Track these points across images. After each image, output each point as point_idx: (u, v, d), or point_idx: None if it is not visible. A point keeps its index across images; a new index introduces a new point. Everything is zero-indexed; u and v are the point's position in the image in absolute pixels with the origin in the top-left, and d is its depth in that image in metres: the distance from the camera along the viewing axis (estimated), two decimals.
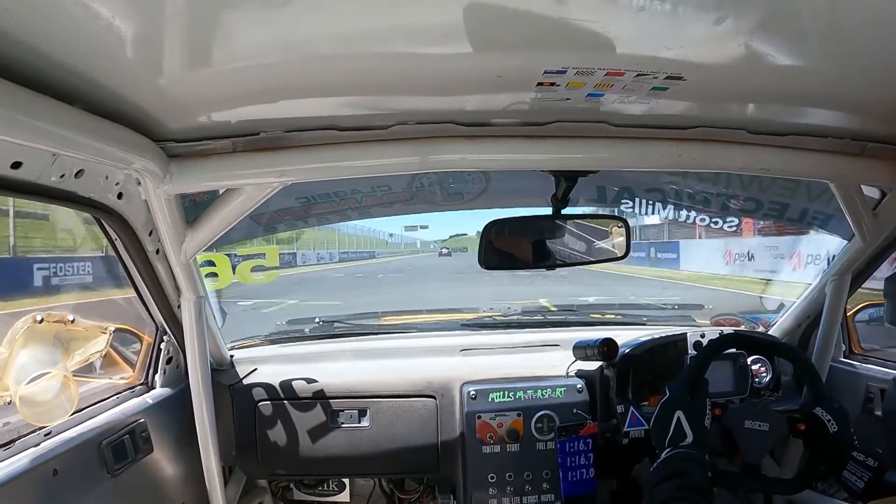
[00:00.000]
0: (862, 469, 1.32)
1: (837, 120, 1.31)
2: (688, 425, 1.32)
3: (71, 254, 7.79)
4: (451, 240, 13.06)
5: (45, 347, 1.34)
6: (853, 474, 1.33)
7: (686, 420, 1.32)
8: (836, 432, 1.38)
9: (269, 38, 0.84)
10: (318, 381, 1.92)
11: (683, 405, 1.35)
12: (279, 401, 1.89)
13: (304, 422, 1.88)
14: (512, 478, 1.85)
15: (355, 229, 35.18)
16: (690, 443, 1.30)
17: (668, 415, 1.35)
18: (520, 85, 1.06)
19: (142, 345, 1.75)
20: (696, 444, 1.30)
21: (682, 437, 1.31)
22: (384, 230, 36.76)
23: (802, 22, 0.85)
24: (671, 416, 1.34)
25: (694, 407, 1.35)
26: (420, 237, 26.00)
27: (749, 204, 2.28)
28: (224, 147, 1.26)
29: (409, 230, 37.72)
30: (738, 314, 2.44)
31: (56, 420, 1.33)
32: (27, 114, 0.82)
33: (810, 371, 1.50)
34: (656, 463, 1.30)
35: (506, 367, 1.99)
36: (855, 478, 1.33)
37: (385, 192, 2.24)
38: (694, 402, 1.36)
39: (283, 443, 1.88)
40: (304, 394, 1.90)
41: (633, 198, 2.59)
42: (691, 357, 1.83)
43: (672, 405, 1.37)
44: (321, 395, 1.90)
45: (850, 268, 1.79)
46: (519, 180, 2.17)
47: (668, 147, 1.35)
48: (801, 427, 1.43)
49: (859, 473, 1.33)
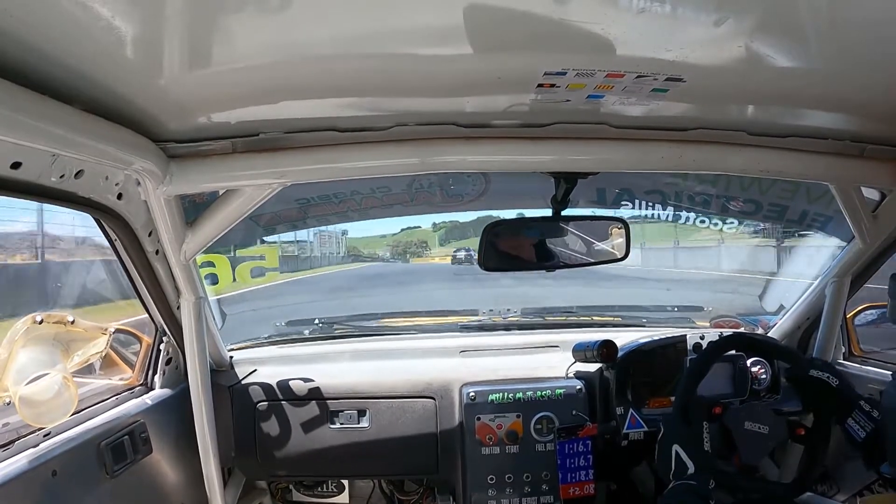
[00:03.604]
0: (866, 419, 1.38)
1: (837, 122, 1.31)
2: (687, 457, 1.37)
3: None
4: (402, 233, 10.02)
5: (44, 348, 1.34)
6: (857, 423, 1.38)
7: (685, 452, 1.37)
8: (838, 385, 1.43)
9: (269, 38, 0.84)
10: (317, 382, 1.91)
11: (678, 438, 1.41)
12: (278, 402, 1.89)
13: (304, 423, 1.88)
14: (511, 479, 1.85)
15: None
16: (693, 473, 1.36)
17: (667, 451, 1.42)
18: (520, 86, 1.06)
19: (141, 346, 1.75)
20: (698, 473, 1.35)
21: (685, 470, 1.38)
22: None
23: (802, 24, 0.85)
24: (670, 452, 1.41)
25: (689, 436, 1.42)
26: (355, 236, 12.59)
27: (749, 206, 2.29)
28: (224, 148, 1.26)
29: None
30: (737, 316, 2.44)
31: (55, 421, 1.32)
32: (27, 114, 0.82)
33: (787, 348, 1.53)
34: (662, 495, 1.37)
35: (505, 368, 1.99)
36: (858, 427, 1.38)
37: (384, 193, 2.25)
38: (689, 431, 1.42)
39: (283, 444, 1.88)
40: (304, 395, 1.90)
41: (633, 199, 2.60)
42: (689, 361, 1.83)
43: (669, 441, 1.43)
44: (321, 396, 1.89)
45: (849, 269, 1.79)
46: (519, 182, 2.17)
47: (669, 149, 1.35)
48: (801, 432, 1.45)
49: (863, 423, 1.38)
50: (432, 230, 10.00)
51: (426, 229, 10.17)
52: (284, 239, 7.38)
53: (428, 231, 10.00)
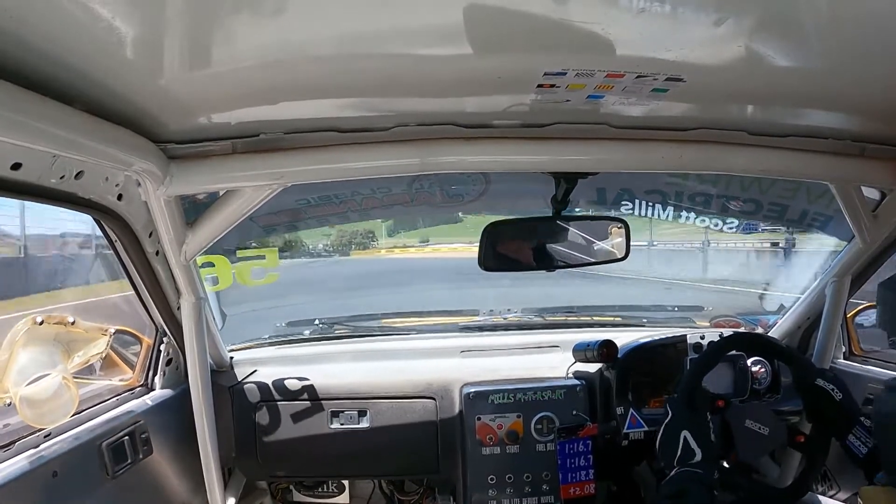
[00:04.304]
0: (867, 435, 1.35)
1: (837, 121, 1.31)
2: (695, 443, 1.33)
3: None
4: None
5: (45, 349, 1.34)
6: (858, 439, 1.36)
7: (693, 438, 1.34)
8: (841, 399, 1.41)
9: (270, 38, 0.84)
10: (317, 383, 1.91)
11: (688, 424, 1.37)
12: (279, 402, 1.89)
13: (304, 423, 1.88)
14: (512, 479, 1.85)
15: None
16: (700, 461, 1.31)
17: (674, 434, 1.37)
18: (520, 86, 1.06)
19: (141, 346, 1.75)
20: (705, 461, 1.31)
21: (692, 456, 1.33)
22: None
23: (802, 23, 0.85)
24: (678, 436, 1.35)
25: (698, 422, 1.37)
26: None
27: (749, 205, 2.29)
28: (224, 148, 1.26)
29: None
30: (737, 316, 2.44)
31: (56, 422, 1.33)
32: (27, 115, 0.82)
33: (795, 354, 1.52)
34: (664, 481, 1.32)
35: (506, 368, 1.99)
36: (859, 443, 1.36)
37: (385, 193, 2.25)
38: (697, 417, 1.38)
39: (283, 444, 1.88)
40: (304, 395, 1.90)
41: (633, 199, 2.60)
42: (690, 361, 1.83)
43: (677, 425, 1.38)
44: (321, 397, 1.89)
45: (849, 269, 1.79)
46: (518, 183, 2.17)
47: (669, 149, 1.35)
48: (801, 439, 1.44)
49: (864, 439, 1.36)
50: (381, 220, 8.51)
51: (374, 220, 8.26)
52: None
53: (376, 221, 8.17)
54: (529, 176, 1.66)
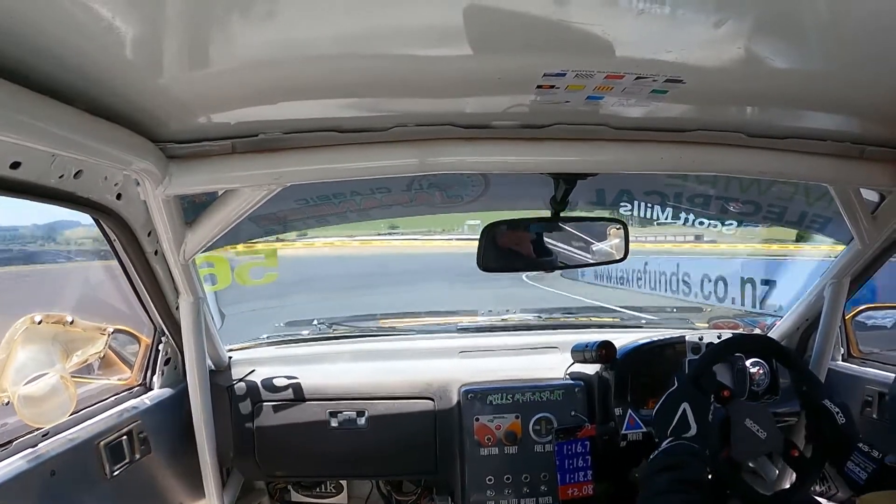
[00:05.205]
0: (867, 460, 1.35)
1: (836, 123, 1.31)
2: (693, 418, 1.32)
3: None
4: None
5: (43, 348, 1.34)
6: (857, 465, 1.35)
7: (692, 412, 1.33)
8: (844, 424, 1.40)
9: (270, 38, 0.84)
10: (316, 383, 1.91)
11: (691, 397, 1.36)
12: (277, 402, 1.89)
13: (302, 423, 1.88)
14: (510, 480, 1.85)
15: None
16: (693, 435, 1.31)
17: (674, 405, 1.36)
18: (519, 87, 1.06)
19: (140, 346, 1.75)
20: (699, 438, 1.31)
21: (686, 429, 1.32)
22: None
23: (802, 25, 0.85)
24: (677, 407, 1.35)
25: (700, 400, 1.36)
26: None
27: (748, 207, 2.29)
28: (223, 148, 1.26)
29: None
30: (735, 318, 2.44)
31: (54, 421, 1.32)
32: (27, 114, 0.82)
33: (808, 371, 1.51)
34: (655, 452, 1.30)
35: (504, 369, 1.99)
36: (859, 469, 1.36)
37: (384, 194, 2.25)
38: (701, 395, 1.37)
39: (281, 444, 1.88)
40: (302, 395, 1.90)
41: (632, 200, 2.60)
42: (707, 346, 1.84)
43: (679, 396, 1.37)
44: (319, 397, 1.89)
45: (848, 271, 1.80)
46: (518, 183, 2.17)
47: (668, 150, 1.35)
48: (795, 454, 1.44)
49: (863, 465, 1.35)
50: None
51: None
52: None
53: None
54: (529, 176, 1.67)
